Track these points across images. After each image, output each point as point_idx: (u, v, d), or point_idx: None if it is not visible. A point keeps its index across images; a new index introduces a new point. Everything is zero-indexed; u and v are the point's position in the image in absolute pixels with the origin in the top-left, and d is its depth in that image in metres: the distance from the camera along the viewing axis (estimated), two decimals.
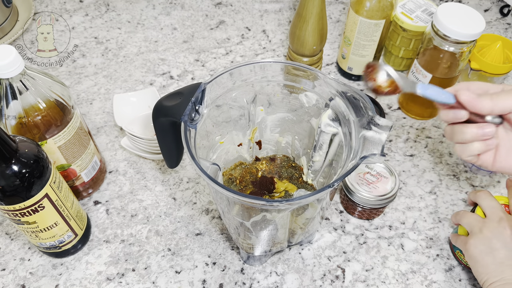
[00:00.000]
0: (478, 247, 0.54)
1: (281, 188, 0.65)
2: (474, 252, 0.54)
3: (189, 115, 0.49)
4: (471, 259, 0.54)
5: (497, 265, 0.52)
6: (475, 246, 0.54)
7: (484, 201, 0.57)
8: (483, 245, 0.53)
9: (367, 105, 0.49)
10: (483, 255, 0.53)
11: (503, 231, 0.53)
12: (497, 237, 0.53)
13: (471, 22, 0.67)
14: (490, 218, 0.55)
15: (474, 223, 0.56)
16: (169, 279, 0.62)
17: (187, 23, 0.97)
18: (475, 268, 0.54)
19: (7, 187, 0.50)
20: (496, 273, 0.51)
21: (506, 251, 0.52)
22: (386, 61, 0.90)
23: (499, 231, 0.53)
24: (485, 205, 0.57)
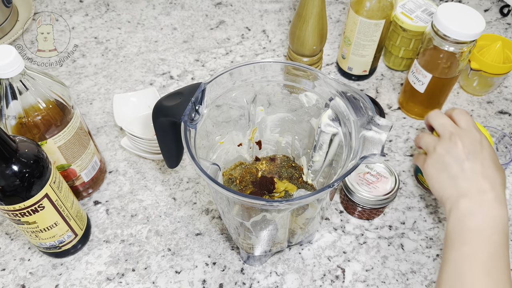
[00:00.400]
0: (434, 165, 0.55)
1: (281, 188, 0.65)
2: (431, 171, 0.55)
3: (189, 115, 0.49)
4: (429, 178, 0.56)
5: (451, 179, 0.53)
6: (431, 165, 0.56)
7: (436, 120, 0.58)
8: (438, 162, 0.55)
9: (367, 105, 0.49)
10: (438, 172, 0.54)
11: (454, 146, 0.54)
12: (449, 152, 0.54)
13: (471, 22, 0.67)
14: (442, 135, 0.56)
15: (430, 142, 0.57)
16: (169, 279, 0.62)
17: (187, 23, 0.97)
18: (433, 185, 0.55)
19: (7, 187, 0.50)
20: (451, 187, 0.53)
21: (458, 165, 0.53)
22: (386, 61, 0.90)
23: (450, 146, 0.54)
24: (436, 124, 0.58)
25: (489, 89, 0.84)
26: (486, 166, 0.52)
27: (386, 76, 0.89)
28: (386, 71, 0.89)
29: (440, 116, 0.58)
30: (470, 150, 0.53)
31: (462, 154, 0.53)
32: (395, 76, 0.89)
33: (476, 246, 0.48)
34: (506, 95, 0.86)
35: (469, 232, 0.49)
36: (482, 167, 0.52)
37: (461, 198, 0.51)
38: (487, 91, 0.85)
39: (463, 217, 0.50)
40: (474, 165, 0.52)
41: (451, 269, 0.49)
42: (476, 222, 0.49)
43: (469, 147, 0.53)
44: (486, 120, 0.82)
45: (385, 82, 0.87)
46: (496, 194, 0.51)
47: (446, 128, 0.56)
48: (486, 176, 0.52)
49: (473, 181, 0.52)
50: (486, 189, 0.51)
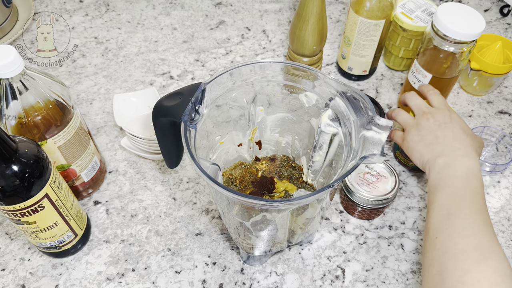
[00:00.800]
0: (412, 139, 0.63)
1: (281, 188, 0.65)
2: (410, 143, 0.63)
3: (189, 115, 0.49)
4: (409, 150, 0.64)
5: (428, 146, 0.61)
6: (410, 139, 0.64)
7: (411, 101, 0.67)
8: (415, 135, 0.63)
9: (367, 105, 0.49)
10: (416, 143, 0.63)
11: (427, 121, 0.62)
12: (424, 127, 0.62)
13: (471, 22, 0.67)
14: (417, 114, 0.65)
15: (408, 120, 0.66)
16: (169, 279, 0.62)
17: (187, 23, 0.97)
18: (413, 155, 0.63)
19: (7, 187, 0.50)
20: (428, 152, 0.61)
21: (432, 134, 0.61)
22: (386, 61, 0.90)
23: (424, 121, 0.63)
24: (412, 103, 0.67)
25: (489, 89, 0.84)
26: (456, 132, 0.60)
27: (386, 76, 0.89)
28: (386, 71, 0.89)
29: (415, 97, 0.67)
30: (441, 122, 0.62)
31: (434, 126, 0.62)
32: (395, 76, 0.89)
33: (457, 187, 0.55)
34: (506, 95, 0.86)
35: (449, 178, 0.56)
36: (453, 133, 0.60)
37: (437, 157, 0.59)
38: (487, 91, 0.85)
39: (442, 169, 0.57)
40: (446, 132, 0.61)
41: (437, 207, 0.55)
42: (453, 171, 0.56)
43: (440, 120, 0.62)
44: (486, 120, 0.82)
45: (385, 82, 0.87)
46: (467, 151, 0.58)
47: (420, 108, 0.65)
48: (457, 139, 0.60)
49: (446, 144, 0.60)
50: (457, 148, 0.59)
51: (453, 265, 0.48)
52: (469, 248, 0.49)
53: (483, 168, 0.73)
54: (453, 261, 0.49)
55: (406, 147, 0.64)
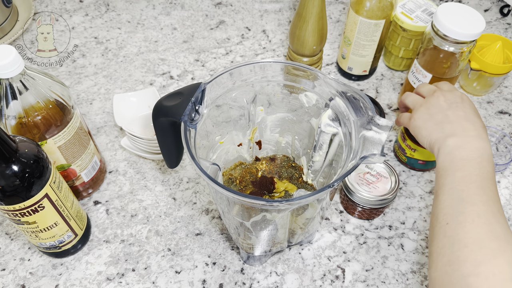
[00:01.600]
0: (420, 118, 0.60)
1: (281, 188, 0.65)
2: (419, 122, 0.60)
3: (189, 115, 0.49)
4: (416, 129, 0.60)
5: (437, 124, 0.58)
6: (418, 118, 0.60)
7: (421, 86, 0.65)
8: (424, 114, 0.60)
9: (367, 105, 0.49)
10: (424, 122, 0.59)
11: (437, 99, 0.60)
12: (434, 105, 0.60)
13: (471, 22, 0.67)
14: (427, 95, 0.62)
15: (417, 100, 0.63)
16: (169, 279, 0.62)
17: (187, 23, 0.97)
18: (420, 134, 0.60)
19: (7, 187, 0.50)
20: (438, 131, 0.57)
21: (442, 113, 0.58)
22: (386, 61, 0.90)
23: (434, 100, 0.60)
24: (421, 89, 0.64)
25: (489, 89, 0.84)
26: (468, 112, 0.58)
27: (386, 76, 0.89)
28: (386, 71, 0.89)
29: (425, 85, 0.65)
30: (452, 101, 0.59)
31: (445, 104, 0.59)
32: (395, 76, 0.89)
33: (469, 171, 0.52)
34: (506, 95, 0.86)
35: (460, 160, 0.53)
36: (464, 113, 0.57)
37: (448, 137, 0.55)
38: (487, 91, 0.85)
39: (452, 150, 0.54)
40: (457, 111, 0.58)
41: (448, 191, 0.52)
42: (465, 153, 0.53)
43: (450, 99, 0.59)
44: (486, 120, 0.82)
45: (385, 82, 0.87)
46: (479, 133, 0.55)
47: (431, 88, 0.63)
48: (468, 119, 0.57)
49: (457, 123, 0.57)
50: (469, 128, 0.56)
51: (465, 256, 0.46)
52: (482, 238, 0.46)
53: None
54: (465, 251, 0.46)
55: (414, 125, 0.61)
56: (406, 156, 0.73)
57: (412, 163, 0.73)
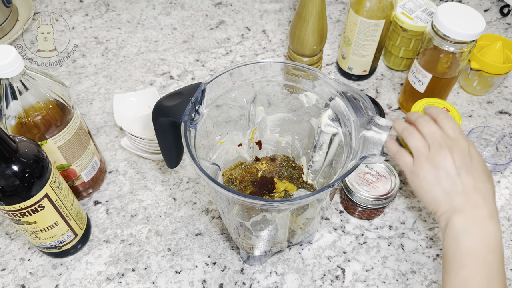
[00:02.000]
0: (426, 178, 0.55)
1: (281, 188, 0.65)
2: (423, 184, 0.55)
3: (189, 115, 0.49)
4: (422, 190, 0.55)
5: (445, 194, 0.53)
6: (423, 177, 0.55)
7: (424, 127, 0.57)
8: (431, 174, 0.54)
9: (367, 105, 0.49)
10: (432, 185, 0.54)
11: (445, 159, 0.54)
12: (441, 167, 0.54)
13: (471, 22, 0.67)
14: (432, 145, 0.55)
15: (421, 149, 0.56)
16: (169, 279, 0.62)
17: (187, 23, 0.97)
18: (425, 197, 0.55)
19: (7, 187, 0.50)
20: (445, 202, 0.53)
21: (451, 180, 0.53)
22: (386, 61, 0.90)
23: (441, 159, 0.54)
24: (425, 131, 0.57)
25: (489, 89, 0.84)
26: (478, 179, 0.53)
27: (386, 76, 0.89)
28: (386, 71, 0.89)
29: (427, 122, 0.58)
30: (461, 163, 0.54)
31: (454, 168, 0.54)
32: (395, 76, 0.89)
33: (473, 270, 0.49)
34: (506, 95, 0.86)
35: (465, 254, 0.50)
36: (474, 181, 0.53)
37: (455, 214, 0.52)
38: (487, 91, 0.85)
39: (458, 235, 0.51)
40: (466, 179, 0.53)
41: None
42: (471, 242, 0.50)
43: (459, 160, 0.54)
44: (486, 120, 0.82)
45: (385, 82, 0.87)
46: (489, 209, 0.52)
47: (436, 138, 0.56)
48: (479, 189, 0.53)
49: (467, 196, 0.52)
50: (479, 204, 0.52)
51: None
52: None
53: None
54: None
55: (418, 185, 0.56)
56: None
57: None
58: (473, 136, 0.77)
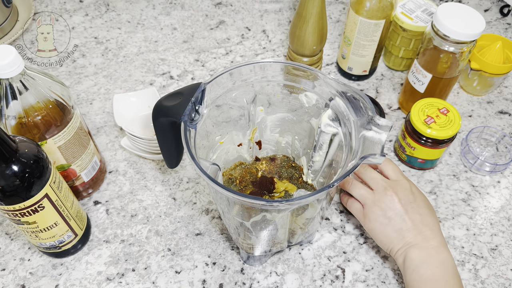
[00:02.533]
0: (377, 220, 0.59)
1: (281, 188, 0.65)
2: (375, 225, 0.59)
3: (189, 115, 0.49)
4: (373, 231, 0.60)
5: (397, 232, 0.57)
6: (374, 219, 0.59)
7: (366, 175, 0.62)
8: (381, 216, 0.58)
9: (367, 105, 0.49)
10: (383, 226, 0.58)
11: (391, 200, 0.58)
12: (389, 207, 0.58)
13: (471, 22, 0.67)
14: (376, 189, 0.60)
15: (366, 195, 0.60)
16: (169, 279, 0.62)
17: (187, 23, 0.97)
18: (379, 238, 0.59)
19: (7, 187, 0.50)
20: (398, 240, 0.57)
21: (400, 218, 0.58)
22: (386, 61, 0.90)
23: (388, 200, 0.58)
24: (367, 178, 0.62)
25: (489, 89, 0.84)
26: (423, 214, 0.58)
27: (386, 76, 0.89)
28: (386, 71, 0.89)
29: (368, 170, 0.62)
30: (405, 201, 0.58)
31: (400, 207, 0.58)
32: (395, 76, 0.89)
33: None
34: (506, 95, 0.86)
35: (427, 282, 0.54)
36: (420, 216, 0.58)
37: (410, 248, 0.56)
38: (487, 91, 0.85)
39: (417, 266, 0.55)
40: (413, 216, 0.58)
41: None
42: (430, 270, 0.54)
43: (404, 199, 0.58)
44: (486, 120, 0.82)
45: (385, 82, 0.87)
46: (439, 240, 0.56)
47: (379, 183, 0.60)
48: (426, 223, 0.57)
49: (417, 231, 0.57)
50: (429, 237, 0.56)
51: None
52: None
53: (483, 168, 0.73)
54: None
55: (371, 228, 0.60)
56: (406, 154, 0.73)
57: (411, 162, 0.73)
58: (473, 136, 0.77)
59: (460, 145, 0.77)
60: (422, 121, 0.68)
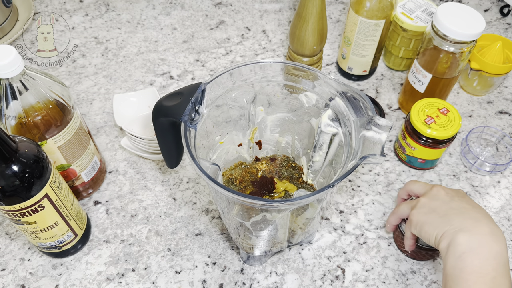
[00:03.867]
0: (420, 212, 0.55)
1: (281, 188, 0.65)
2: (418, 217, 0.55)
3: (189, 115, 0.49)
4: (417, 225, 0.55)
5: (442, 217, 0.52)
6: (417, 213, 0.55)
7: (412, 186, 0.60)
8: (424, 208, 0.55)
9: (367, 105, 0.49)
10: (426, 215, 0.54)
11: (437, 193, 0.56)
12: (433, 199, 0.55)
13: (471, 22, 0.67)
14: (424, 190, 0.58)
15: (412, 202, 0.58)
16: (169, 279, 0.62)
17: (187, 23, 0.97)
18: (423, 230, 0.54)
19: (7, 187, 0.50)
20: (444, 224, 0.51)
21: (447, 206, 0.53)
22: (386, 61, 0.90)
23: (433, 194, 0.56)
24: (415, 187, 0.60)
25: (489, 89, 0.84)
26: (473, 205, 0.53)
27: (386, 76, 0.89)
28: (386, 71, 0.89)
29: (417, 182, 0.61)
30: (453, 195, 0.55)
31: (446, 197, 0.54)
32: (395, 76, 0.89)
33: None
34: (506, 95, 0.86)
35: (472, 274, 0.47)
36: (469, 205, 0.53)
37: (459, 232, 0.49)
38: (487, 91, 0.85)
39: (464, 254, 0.48)
40: (461, 203, 0.53)
41: None
42: (478, 262, 0.47)
43: (451, 193, 0.55)
44: (486, 120, 0.82)
45: (385, 82, 0.87)
46: (492, 229, 0.49)
47: (426, 185, 0.59)
48: (476, 210, 0.52)
49: (466, 215, 0.51)
50: (481, 222, 0.50)
51: None
52: None
53: (483, 168, 0.73)
54: None
55: (415, 221, 0.55)
56: (406, 154, 0.73)
57: (411, 162, 0.73)
58: (473, 136, 0.77)
59: (460, 145, 0.77)
60: (422, 121, 0.68)
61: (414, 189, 0.61)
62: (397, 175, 0.74)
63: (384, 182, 0.73)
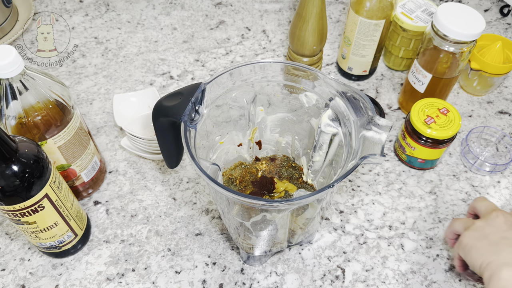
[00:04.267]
0: (471, 235, 0.53)
1: (281, 188, 0.65)
2: (468, 240, 0.53)
3: (189, 115, 0.49)
4: (465, 248, 0.53)
5: (492, 245, 0.50)
6: (469, 235, 0.53)
7: (478, 203, 0.58)
8: (477, 232, 0.53)
9: (367, 105, 0.49)
10: (477, 240, 0.52)
11: (495, 218, 0.53)
12: (490, 224, 0.52)
13: (471, 22, 0.67)
14: (485, 212, 0.55)
15: (467, 222, 0.56)
16: (169, 279, 0.62)
17: (187, 23, 0.97)
18: (470, 255, 0.52)
19: (7, 187, 0.50)
20: (492, 253, 0.49)
21: (500, 234, 0.51)
22: (386, 61, 0.90)
23: (491, 218, 0.53)
24: (479, 205, 0.58)
25: (489, 89, 0.84)
26: None
27: (386, 76, 0.89)
28: (386, 71, 0.89)
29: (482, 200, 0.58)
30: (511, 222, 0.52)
31: (504, 225, 0.51)
32: (395, 76, 0.89)
33: None
34: (506, 95, 0.86)
35: None
36: None
37: (504, 266, 0.47)
38: (487, 91, 0.85)
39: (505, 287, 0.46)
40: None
41: None
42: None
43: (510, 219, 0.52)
44: (486, 120, 0.82)
45: (385, 82, 0.87)
46: None
47: (489, 206, 0.56)
48: None
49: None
50: None
51: None
52: None
53: (483, 168, 0.73)
54: None
55: (464, 243, 0.53)
56: (406, 154, 0.73)
57: (411, 162, 0.73)
58: (473, 136, 0.77)
59: (460, 145, 0.77)
60: (422, 121, 0.68)
61: (477, 207, 0.58)
62: (397, 175, 0.74)
63: (384, 182, 0.73)
